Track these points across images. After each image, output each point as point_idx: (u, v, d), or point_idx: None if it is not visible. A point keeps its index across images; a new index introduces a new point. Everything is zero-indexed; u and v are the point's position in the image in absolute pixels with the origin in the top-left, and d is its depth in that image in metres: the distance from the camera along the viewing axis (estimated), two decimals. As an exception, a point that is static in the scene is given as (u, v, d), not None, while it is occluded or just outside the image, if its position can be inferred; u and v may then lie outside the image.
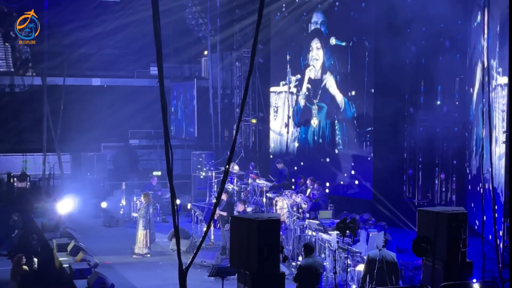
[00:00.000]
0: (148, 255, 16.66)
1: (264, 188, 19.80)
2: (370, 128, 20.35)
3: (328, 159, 21.84)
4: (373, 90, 20.14)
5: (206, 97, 27.58)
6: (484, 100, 12.56)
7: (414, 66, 19.64)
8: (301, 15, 23.41)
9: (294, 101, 24.01)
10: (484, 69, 12.84)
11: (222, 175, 19.78)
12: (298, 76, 23.61)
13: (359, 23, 20.50)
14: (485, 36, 13.33)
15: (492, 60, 15.08)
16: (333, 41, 22.21)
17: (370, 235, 13.73)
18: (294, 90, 23.97)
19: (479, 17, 16.66)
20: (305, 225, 15.31)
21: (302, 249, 11.56)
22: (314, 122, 22.59)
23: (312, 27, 22.99)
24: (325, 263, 13.20)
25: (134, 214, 18.61)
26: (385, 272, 11.04)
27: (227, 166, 7.59)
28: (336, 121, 21.57)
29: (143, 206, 16.71)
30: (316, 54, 22.37)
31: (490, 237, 10.14)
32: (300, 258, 14.48)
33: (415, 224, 10.91)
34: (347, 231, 11.67)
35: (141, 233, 16.54)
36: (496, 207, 11.50)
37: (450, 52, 18.69)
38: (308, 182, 19.06)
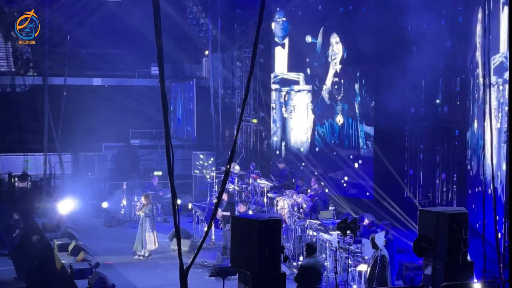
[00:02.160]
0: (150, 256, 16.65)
1: (265, 189, 19.78)
2: (371, 128, 20.33)
3: (329, 158, 21.83)
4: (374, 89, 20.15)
5: (207, 97, 27.58)
6: (484, 99, 12.55)
7: (415, 65, 19.61)
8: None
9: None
10: (484, 68, 12.83)
11: (223, 175, 19.75)
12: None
13: (361, 22, 20.48)
14: (485, 34, 13.33)
15: (493, 58, 15.07)
16: (309, 39, 22.73)
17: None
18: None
19: (479, 16, 16.66)
20: (306, 225, 15.31)
21: (304, 248, 11.56)
22: (340, 120, 22.02)
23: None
24: (325, 263, 13.20)
25: (138, 213, 18.31)
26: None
27: (228, 166, 7.60)
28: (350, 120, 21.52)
29: (144, 207, 16.57)
30: (337, 49, 22.03)
31: (496, 220, 10.13)
32: (301, 258, 14.48)
33: (416, 224, 10.90)
34: (348, 231, 11.68)
35: (149, 234, 16.45)
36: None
37: (450, 51, 18.68)
38: (312, 181, 19.02)
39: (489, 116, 11.51)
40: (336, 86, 21.90)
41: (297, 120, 24.01)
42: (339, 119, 21.84)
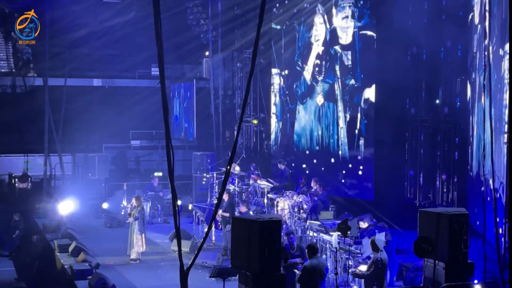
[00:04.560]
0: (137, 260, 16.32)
1: (265, 189, 19.76)
2: (371, 129, 20.31)
3: (331, 160, 21.82)
4: (374, 90, 20.10)
5: (207, 97, 27.59)
6: (485, 100, 12.54)
7: (416, 66, 19.60)
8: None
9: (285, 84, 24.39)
10: (485, 68, 12.83)
11: (223, 176, 19.73)
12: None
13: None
14: (487, 36, 13.32)
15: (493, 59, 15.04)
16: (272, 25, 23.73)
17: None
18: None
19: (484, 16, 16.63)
20: (306, 226, 15.29)
21: (306, 250, 11.55)
22: (320, 100, 22.14)
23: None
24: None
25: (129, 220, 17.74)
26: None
27: (228, 167, 7.61)
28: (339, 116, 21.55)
29: (135, 209, 16.26)
30: (320, 29, 21.99)
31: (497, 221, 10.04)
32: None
33: (416, 225, 10.90)
34: (349, 232, 11.67)
35: (137, 237, 16.15)
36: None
37: (451, 52, 18.67)
38: (312, 183, 18.99)
39: (489, 118, 11.50)
40: (317, 68, 22.17)
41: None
42: (319, 99, 22.06)
